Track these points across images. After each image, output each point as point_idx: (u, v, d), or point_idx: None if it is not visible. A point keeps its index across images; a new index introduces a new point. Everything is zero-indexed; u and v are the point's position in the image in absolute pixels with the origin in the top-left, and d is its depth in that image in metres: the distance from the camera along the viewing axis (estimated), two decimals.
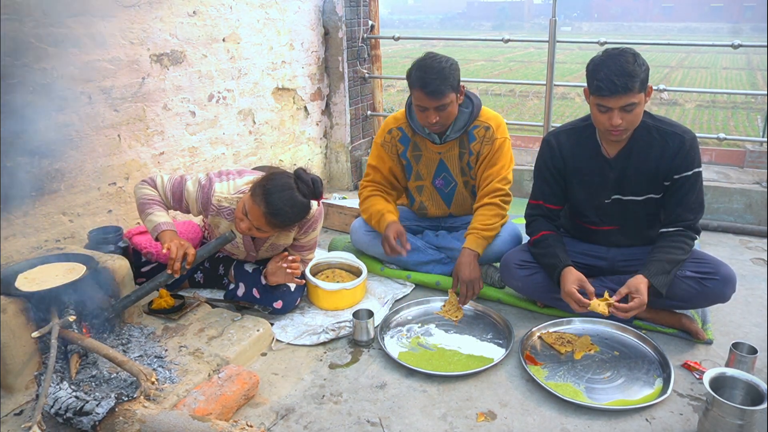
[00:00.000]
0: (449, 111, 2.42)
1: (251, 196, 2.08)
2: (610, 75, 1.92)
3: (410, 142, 2.66)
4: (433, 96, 2.34)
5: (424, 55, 2.43)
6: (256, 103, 3.44)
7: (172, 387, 1.86)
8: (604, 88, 1.94)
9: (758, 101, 16.75)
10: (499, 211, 2.55)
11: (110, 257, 2.17)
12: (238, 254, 2.49)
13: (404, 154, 2.68)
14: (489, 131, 2.55)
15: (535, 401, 1.92)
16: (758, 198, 3.37)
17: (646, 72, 1.96)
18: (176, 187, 2.25)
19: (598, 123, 2.08)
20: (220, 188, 2.25)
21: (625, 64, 1.92)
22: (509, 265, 2.40)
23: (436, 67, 2.34)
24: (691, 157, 2.10)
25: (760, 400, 1.64)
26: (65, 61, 2.31)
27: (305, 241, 2.46)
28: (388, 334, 2.31)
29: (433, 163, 2.66)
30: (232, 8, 3.14)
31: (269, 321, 2.31)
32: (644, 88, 1.97)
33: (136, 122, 2.67)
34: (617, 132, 2.03)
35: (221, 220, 2.29)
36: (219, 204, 2.24)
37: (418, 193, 2.78)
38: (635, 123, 2.04)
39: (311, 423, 1.83)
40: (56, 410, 1.65)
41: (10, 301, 1.83)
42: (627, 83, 1.91)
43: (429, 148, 2.64)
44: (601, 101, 1.98)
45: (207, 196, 2.24)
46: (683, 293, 2.16)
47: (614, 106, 1.96)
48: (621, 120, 1.98)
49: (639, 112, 2.01)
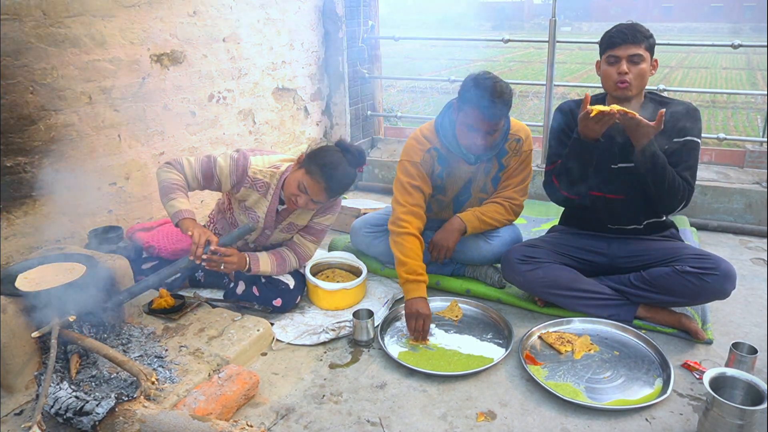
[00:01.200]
0: (498, 134, 2.39)
1: (307, 173, 2.18)
2: (621, 28, 2.18)
3: (447, 163, 2.49)
4: (492, 119, 2.26)
5: (482, 73, 2.29)
6: (256, 103, 3.44)
7: (172, 387, 1.86)
8: (614, 36, 2.17)
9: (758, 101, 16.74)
10: (506, 214, 2.54)
11: (110, 257, 2.17)
12: (251, 233, 2.45)
13: (441, 174, 2.51)
14: (520, 143, 2.49)
15: (535, 401, 1.92)
16: (758, 198, 3.37)
17: (652, 38, 2.18)
18: (206, 166, 2.26)
19: (607, 79, 2.20)
20: (255, 162, 2.31)
21: (633, 24, 2.20)
22: (511, 260, 2.40)
23: (499, 91, 2.22)
24: (692, 124, 2.20)
25: (760, 400, 1.64)
26: (65, 61, 2.31)
27: (317, 222, 2.48)
28: (388, 334, 2.31)
29: (462, 181, 2.55)
30: (232, 8, 3.14)
31: (269, 321, 2.31)
32: (650, 50, 2.18)
33: (136, 122, 2.67)
34: (624, 84, 2.15)
35: (252, 193, 2.34)
36: (254, 176, 2.30)
37: (435, 203, 2.66)
38: (640, 79, 2.16)
39: (311, 423, 1.83)
40: (56, 410, 1.65)
41: (10, 301, 1.83)
42: (636, 35, 2.15)
43: (462, 168, 2.51)
44: (612, 51, 2.17)
45: (243, 169, 2.28)
46: (683, 289, 2.16)
47: (622, 55, 2.14)
48: (628, 70, 2.14)
49: (644, 69, 2.16)
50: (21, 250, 2.27)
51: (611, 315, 2.31)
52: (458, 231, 2.49)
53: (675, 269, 2.18)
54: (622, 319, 2.30)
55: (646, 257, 2.32)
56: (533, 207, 3.69)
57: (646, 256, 2.33)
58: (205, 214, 3.13)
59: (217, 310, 2.36)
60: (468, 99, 2.26)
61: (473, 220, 2.50)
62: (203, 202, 3.17)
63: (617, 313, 2.31)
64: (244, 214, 2.41)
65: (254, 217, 2.38)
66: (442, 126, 2.45)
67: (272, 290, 2.40)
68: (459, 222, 2.49)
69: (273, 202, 2.35)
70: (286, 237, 2.51)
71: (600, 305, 2.33)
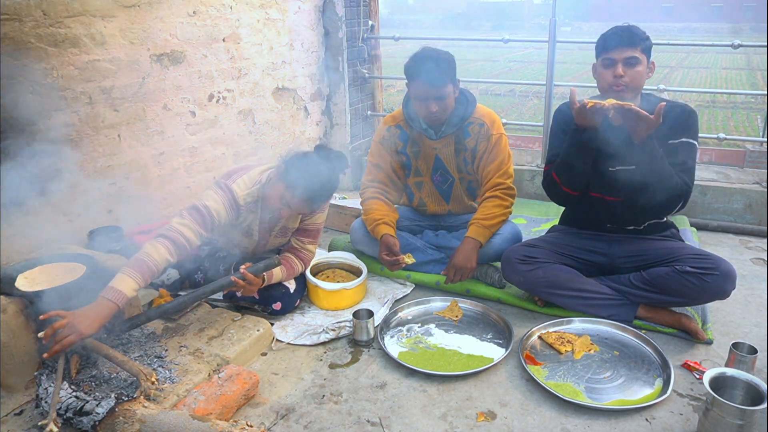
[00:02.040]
0: (447, 102, 2.47)
1: (288, 189, 2.12)
2: (617, 31, 2.18)
3: (409, 138, 2.69)
4: (432, 85, 2.40)
5: (421, 49, 2.48)
6: (256, 103, 3.44)
7: (172, 387, 1.86)
8: (609, 39, 2.16)
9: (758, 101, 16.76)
10: (501, 203, 2.57)
11: (110, 257, 2.17)
12: (248, 245, 2.45)
13: (404, 150, 2.72)
14: (483, 128, 2.59)
15: (535, 401, 1.92)
16: (758, 198, 3.37)
17: (648, 41, 2.17)
18: (203, 220, 2.08)
19: (603, 82, 2.20)
20: (237, 188, 2.19)
21: (629, 27, 2.19)
22: (511, 259, 2.40)
23: (434, 58, 2.41)
24: (689, 125, 2.21)
25: (760, 400, 1.64)
26: (65, 61, 2.31)
27: (310, 223, 2.48)
28: (388, 334, 2.31)
29: (431, 159, 2.70)
30: (232, 8, 3.14)
31: (269, 321, 2.31)
32: (646, 52, 2.17)
33: (136, 122, 2.67)
34: (619, 87, 2.14)
35: (248, 215, 2.31)
36: (246, 202, 2.22)
37: (418, 189, 2.81)
38: (637, 81, 2.16)
39: (311, 423, 1.83)
40: (56, 410, 1.65)
41: (10, 301, 1.83)
42: (631, 38, 2.14)
43: (426, 144, 2.67)
44: (607, 54, 2.16)
45: (235, 202, 2.18)
46: (683, 289, 2.16)
47: (618, 58, 2.14)
48: (624, 73, 2.14)
49: (641, 72, 2.15)
50: (21, 250, 2.27)
51: (611, 315, 2.31)
52: (475, 249, 2.51)
53: (675, 269, 2.18)
54: (622, 319, 2.30)
55: (646, 257, 2.32)
56: (533, 207, 3.69)
57: (646, 256, 2.33)
58: None
59: (217, 310, 2.36)
60: (412, 72, 2.45)
61: (481, 231, 2.54)
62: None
63: (617, 313, 2.31)
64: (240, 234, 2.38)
65: (249, 233, 2.36)
66: (407, 105, 2.65)
67: (272, 294, 2.40)
68: (471, 241, 2.52)
69: (263, 214, 2.33)
70: (282, 241, 2.50)
71: (600, 305, 2.33)
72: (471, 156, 2.65)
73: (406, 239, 2.74)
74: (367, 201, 2.75)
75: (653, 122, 1.99)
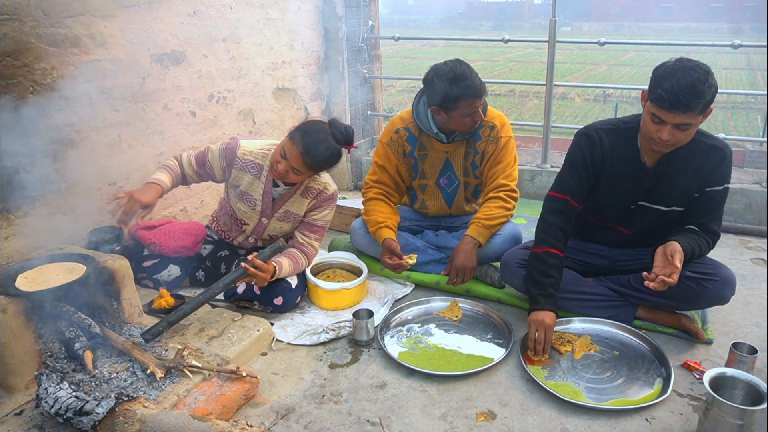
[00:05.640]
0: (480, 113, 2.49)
1: (290, 139, 2.24)
2: (677, 89, 1.81)
3: (417, 141, 2.67)
4: (480, 98, 2.42)
5: (454, 61, 2.44)
6: (256, 103, 3.44)
7: (172, 387, 1.86)
8: (665, 99, 1.83)
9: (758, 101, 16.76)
10: (504, 204, 2.57)
11: (110, 257, 2.17)
12: (249, 222, 2.50)
13: (412, 153, 2.70)
14: (494, 130, 2.59)
15: (535, 401, 1.92)
16: (758, 198, 3.37)
17: (713, 94, 1.85)
18: (199, 153, 2.45)
19: (645, 130, 1.98)
20: (245, 143, 2.42)
21: (696, 82, 1.80)
22: (510, 263, 2.40)
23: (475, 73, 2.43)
24: (727, 171, 2.07)
25: (760, 400, 1.64)
26: (65, 61, 2.31)
27: (316, 219, 2.49)
28: (388, 334, 2.31)
29: (439, 162, 2.69)
30: (232, 8, 3.14)
31: (269, 321, 2.31)
32: (705, 109, 1.87)
33: (136, 122, 2.67)
34: (660, 146, 1.97)
35: (244, 175, 2.40)
36: (244, 157, 2.39)
37: (422, 191, 2.81)
38: (684, 142, 1.95)
39: (311, 423, 1.84)
40: (56, 410, 1.65)
41: (10, 301, 1.83)
42: (690, 102, 1.80)
43: (436, 148, 2.66)
44: (658, 112, 1.88)
45: (232, 151, 2.40)
46: (682, 294, 2.15)
47: (669, 121, 1.87)
48: (671, 137, 1.89)
49: (691, 133, 1.92)
50: (21, 250, 2.26)
51: (611, 316, 2.31)
52: (474, 248, 2.50)
53: None
54: (622, 320, 2.30)
55: (647, 260, 2.31)
56: (533, 207, 3.69)
57: (646, 259, 2.32)
58: (206, 214, 3.13)
59: (217, 310, 2.36)
60: (463, 90, 2.37)
61: (481, 230, 2.52)
62: (203, 202, 3.17)
63: (617, 314, 2.31)
64: (241, 200, 2.43)
65: (251, 202, 2.42)
66: (418, 108, 2.61)
67: (274, 289, 2.40)
68: (470, 240, 2.50)
69: (267, 183, 2.39)
70: (284, 227, 2.51)
71: (600, 306, 2.33)
72: (480, 159, 2.64)
73: (407, 239, 2.74)
74: (369, 201, 2.74)
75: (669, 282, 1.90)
